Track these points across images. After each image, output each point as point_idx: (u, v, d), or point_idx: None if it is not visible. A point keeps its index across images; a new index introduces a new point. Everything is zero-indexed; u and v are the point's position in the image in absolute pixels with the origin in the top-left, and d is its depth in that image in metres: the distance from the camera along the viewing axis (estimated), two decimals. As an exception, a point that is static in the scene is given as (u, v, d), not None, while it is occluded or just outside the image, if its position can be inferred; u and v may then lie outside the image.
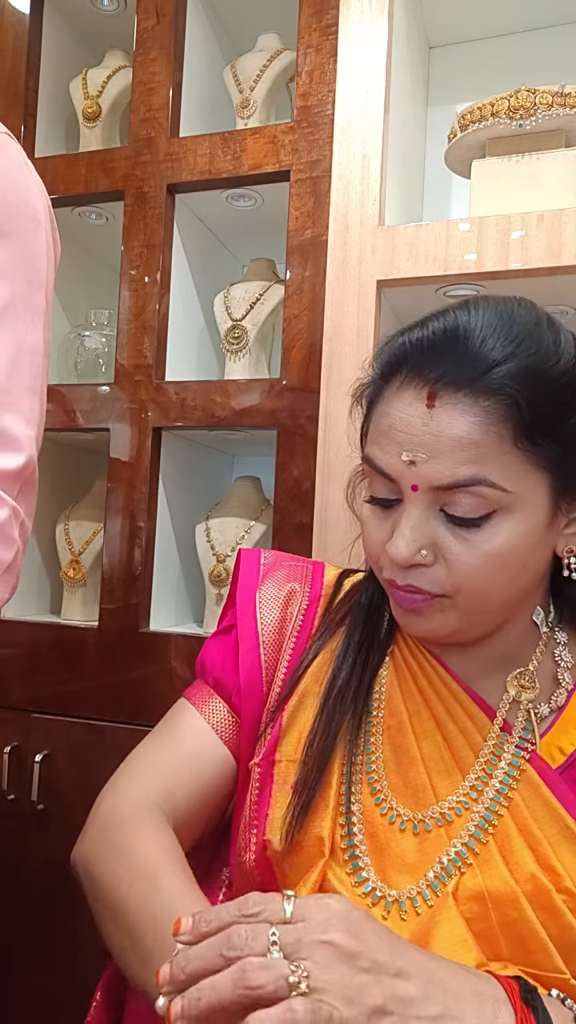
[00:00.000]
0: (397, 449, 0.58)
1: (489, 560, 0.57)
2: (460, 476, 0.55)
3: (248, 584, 0.73)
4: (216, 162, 1.20)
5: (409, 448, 0.57)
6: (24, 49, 1.34)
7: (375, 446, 0.60)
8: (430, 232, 1.00)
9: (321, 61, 1.14)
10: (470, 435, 0.55)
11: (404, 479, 0.58)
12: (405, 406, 0.58)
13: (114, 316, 1.33)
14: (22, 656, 1.25)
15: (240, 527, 1.27)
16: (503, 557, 0.57)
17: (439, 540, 0.58)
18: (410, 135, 1.21)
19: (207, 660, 0.74)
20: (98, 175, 1.28)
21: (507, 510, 0.56)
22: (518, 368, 0.56)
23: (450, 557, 0.57)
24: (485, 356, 0.56)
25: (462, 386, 0.56)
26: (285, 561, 0.76)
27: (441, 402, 0.56)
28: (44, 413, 0.73)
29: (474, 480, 0.55)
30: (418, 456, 0.56)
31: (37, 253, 0.70)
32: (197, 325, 1.37)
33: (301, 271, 1.13)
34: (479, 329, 0.57)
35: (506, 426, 0.55)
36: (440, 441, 0.56)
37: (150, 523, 1.23)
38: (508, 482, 0.55)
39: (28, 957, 1.21)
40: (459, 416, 0.55)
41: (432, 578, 0.58)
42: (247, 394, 1.17)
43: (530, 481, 0.57)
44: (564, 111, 0.98)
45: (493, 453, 0.55)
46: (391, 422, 0.59)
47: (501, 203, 1.00)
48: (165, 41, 1.25)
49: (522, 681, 0.63)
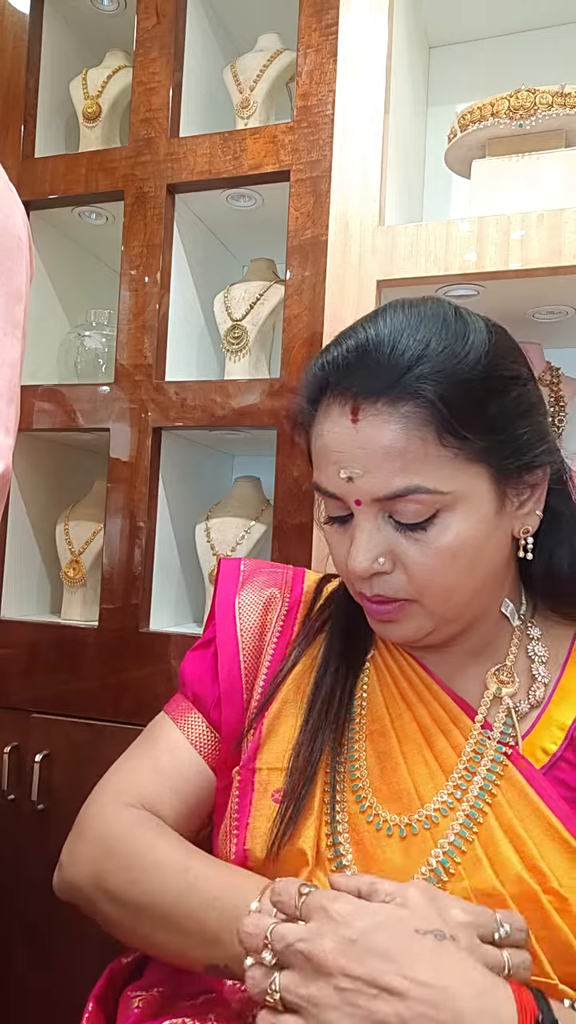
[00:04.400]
0: (335, 468, 0.60)
1: (442, 557, 0.58)
2: (395, 487, 0.57)
3: (227, 591, 0.74)
4: (216, 162, 1.20)
5: (344, 465, 0.59)
6: (24, 49, 1.34)
7: (317, 470, 0.63)
8: (430, 232, 1.00)
9: (321, 61, 1.14)
10: (394, 444, 0.57)
11: (347, 495, 0.60)
12: (333, 424, 0.60)
13: (114, 316, 1.33)
14: (22, 656, 1.25)
15: (240, 527, 1.27)
16: (454, 552, 0.58)
17: (394, 546, 0.59)
18: (410, 135, 1.21)
19: (186, 674, 0.74)
20: (98, 175, 1.28)
21: (450, 508, 0.58)
22: (430, 369, 0.57)
23: (407, 561, 0.59)
24: (396, 363, 0.57)
25: (380, 395, 0.57)
26: (264, 568, 0.77)
27: (364, 414, 0.58)
28: (18, 423, 0.74)
29: (408, 489, 0.57)
30: (354, 472, 0.58)
31: (18, 268, 0.72)
32: (197, 325, 1.37)
33: (301, 271, 1.13)
34: (387, 337, 0.58)
35: (428, 429, 0.57)
36: (369, 454, 0.58)
37: (150, 523, 1.23)
38: (442, 483, 0.57)
39: (28, 957, 1.21)
40: (381, 426, 0.57)
41: (395, 584, 0.60)
42: (247, 394, 1.17)
43: (466, 476, 0.58)
44: (564, 111, 0.98)
45: (420, 458, 0.57)
46: (324, 442, 0.61)
47: (501, 203, 1.00)
48: (165, 41, 1.25)
49: (501, 676, 0.64)
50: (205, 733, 0.70)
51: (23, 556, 1.38)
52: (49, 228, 1.40)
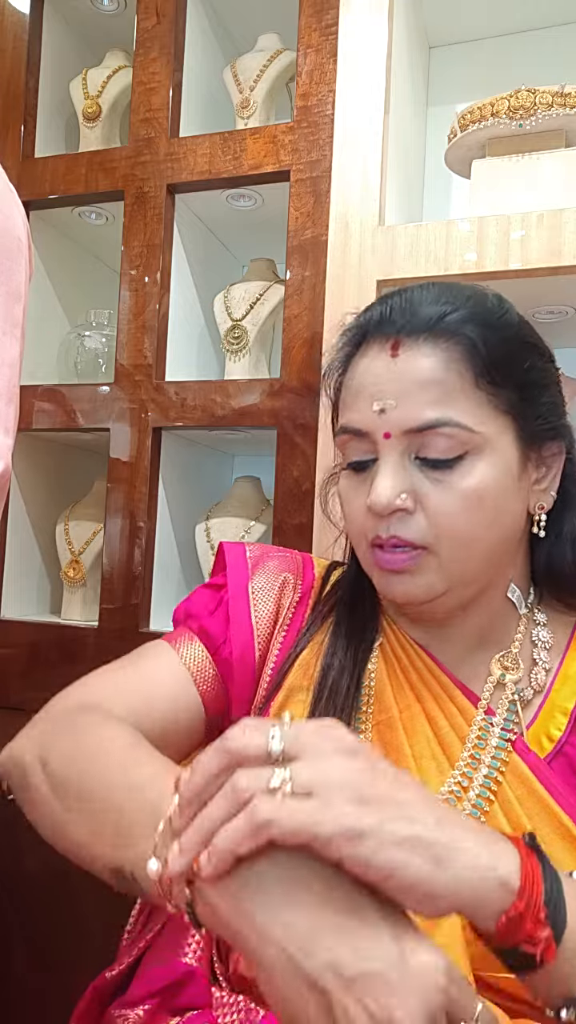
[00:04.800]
0: (367, 402, 0.61)
1: (466, 500, 0.58)
2: (428, 417, 0.58)
3: (239, 576, 0.72)
4: (216, 162, 1.20)
5: (379, 397, 0.60)
6: (24, 49, 1.34)
7: (346, 410, 0.64)
8: (430, 232, 1.00)
9: (321, 61, 1.14)
10: (432, 374, 0.58)
11: (377, 429, 0.60)
12: (371, 361, 0.62)
13: (114, 316, 1.33)
14: (22, 656, 1.25)
15: (240, 527, 1.27)
16: (479, 496, 0.59)
17: (417, 487, 0.59)
18: (410, 135, 1.21)
19: (192, 607, 0.72)
20: (98, 175, 1.28)
21: (478, 451, 0.59)
22: (470, 314, 0.61)
23: (429, 502, 0.59)
24: (439, 309, 0.60)
25: (421, 332, 0.60)
26: (272, 552, 0.75)
27: (404, 349, 0.60)
28: (17, 422, 0.74)
29: (441, 421, 0.58)
30: (387, 403, 0.59)
31: (17, 268, 0.73)
32: (197, 325, 1.37)
33: (301, 271, 1.13)
34: (429, 294, 0.62)
35: (466, 365, 0.59)
36: (406, 385, 0.59)
37: (150, 523, 1.23)
38: (474, 422, 0.58)
39: (28, 957, 1.21)
40: (421, 358, 0.59)
41: (414, 527, 0.59)
42: (247, 394, 1.17)
43: (495, 423, 0.60)
44: (564, 111, 0.98)
45: (456, 392, 0.58)
46: (360, 381, 0.62)
47: (501, 203, 1.00)
48: (165, 41, 1.25)
49: (505, 662, 0.64)
50: (205, 665, 0.68)
51: (23, 556, 1.38)
52: (49, 228, 1.40)
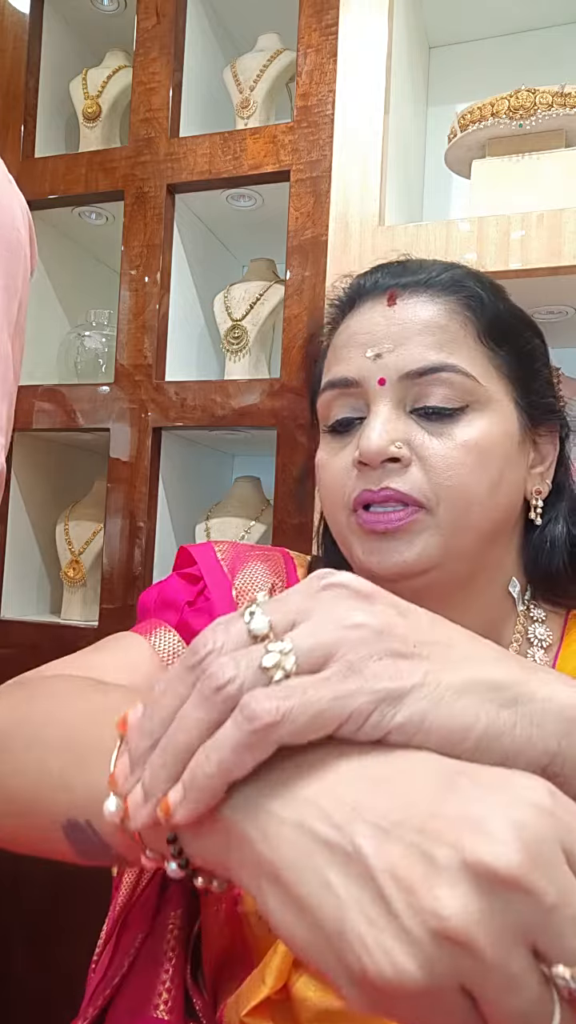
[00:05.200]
0: (360, 350, 0.56)
1: (468, 453, 0.53)
2: (430, 360, 0.54)
3: (219, 582, 0.64)
4: (216, 162, 1.20)
5: (373, 344, 0.55)
6: (24, 49, 1.34)
7: (333, 364, 0.58)
8: (430, 232, 1.00)
9: (321, 61, 1.14)
10: (436, 319, 0.55)
11: (370, 376, 0.55)
12: (365, 312, 0.57)
13: (114, 316, 1.33)
14: (22, 656, 1.25)
15: (240, 527, 1.27)
16: (482, 451, 0.53)
17: (413, 439, 0.54)
18: (410, 135, 1.21)
19: (168, 596, 0.65)
20: (98, 175, 1.28)
21: (480, 406, 0.54)
22: (471, 273, 0.58)
23: (426, 454, 0.53)
24: (437, 268, 0.58)
25: (421, 285, 0.56)
26: (249, 551, 0.68)
27: (402, 299, 0.56)
28: (12, 420, 0.73)
29: (444, 365, 0.53)
30: (383, 347, 0.55)
31: (15, 262, 0.71)
32: (197, 325, 1.37)
33: (301, 271, 1.13)
34: (426, 261, 0.60)
35: (468, 316, 0.55)
36: (406, 328, 0.55)
37: (150, 523, 1.23)
38: (477, 373, 0.54)
39: (28, 957, 1.21)
40: (422, 305, 0.55)
41: (410, 480, 0.53)
42: (247, 394, 1.17)
43: (497, 384, 0.56)
44: (564, 111, 0.98)
45: (459, 340, 0.55)
46: (351, 331, 0.57)
47: (501, 203, 1.00)
48: (165, 41, 1.25)
49: None
50: (177, 645, 0.60)
51: (23, 556, 1.38)
52: (49, 228, 1.40)
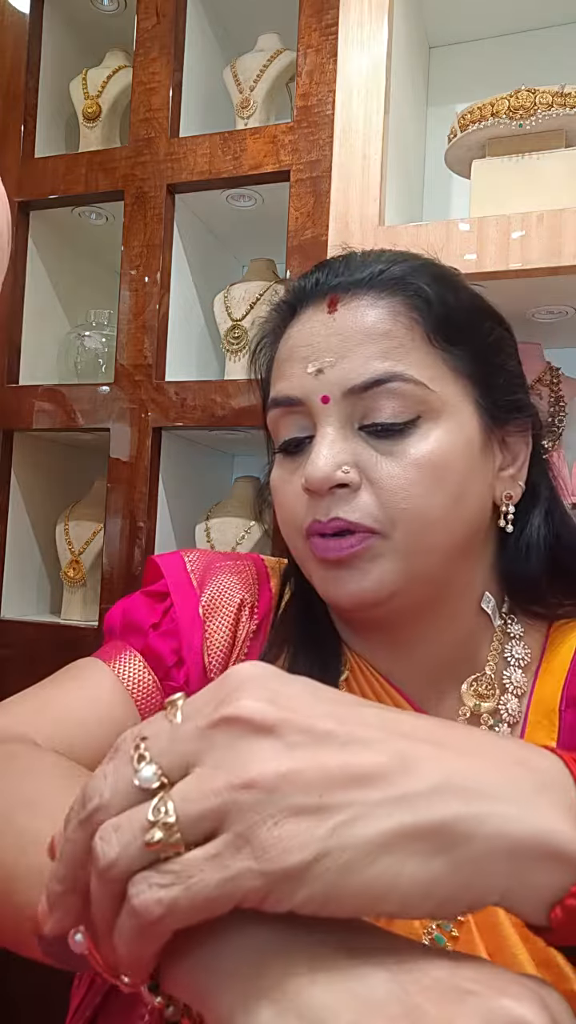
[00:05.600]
0: (301, 366, 0.51)
1: (421, 470, 0.49)
2: (374, 370, 0.49)
3: (186, 596, 0.60)
4: (216, 162, 1.20)
5: (314, 358, 0.51)
6: (24, 49, 1.34)
7: (276, 381, 0.54)
8: (430, 232, 1.00)
9: (321, 61, 1.14)
10: (379, 324, 0.50)
11: (313, 394, 0.51)
12: (305, 322, 0.53)
13: (114, 316, 1.33)
14: (22, 656, 1.25)
15: (240, 527, 1.27)
16: (435, 467, 0.49)
17: (361, 460, 0.50)
18: (410, 135, 1.21)
19: (132, 617, 0.61)
20: (98, 175, 1.28)
21: (434, 416, 0.50)
22: (421, 266, 0.53)
23: (377, 475, 0.49)
24: (382, 265, 0.52)
25: (363, 286, 0.51)
26: (219, 562, 0.63)
27: (344, 305, 0.51)
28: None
29: (390, 375, 0.49)
30: (325, 362, 0.50)
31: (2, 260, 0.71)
32: (197, 325, 1.37)
33: (301, 271, 1.13)
34: (373, 253, 0.54)
35: (416, 316, 0.50)
36: (347, 339, 0.50)
37: (150, 523, 1.23)
38: (428, 379, 0.49)
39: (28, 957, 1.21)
40: (364, 310, 0.50)
41: (360, 506, 0.49)
42: (247, 394, 1.17)
43: (453, 387, 0.51)
44: (564, 111, 0.98)
45: (406, 344, 0.50)
46: (292, 344, 0.53)
47: (501, 203, 1.00)
48: (165, 41, 1.25)
49: (479, 688, 0.54)
50: (148, 685, 0.57)
51: (23, 556, 1.38)
52: (49, 228, 1.40)
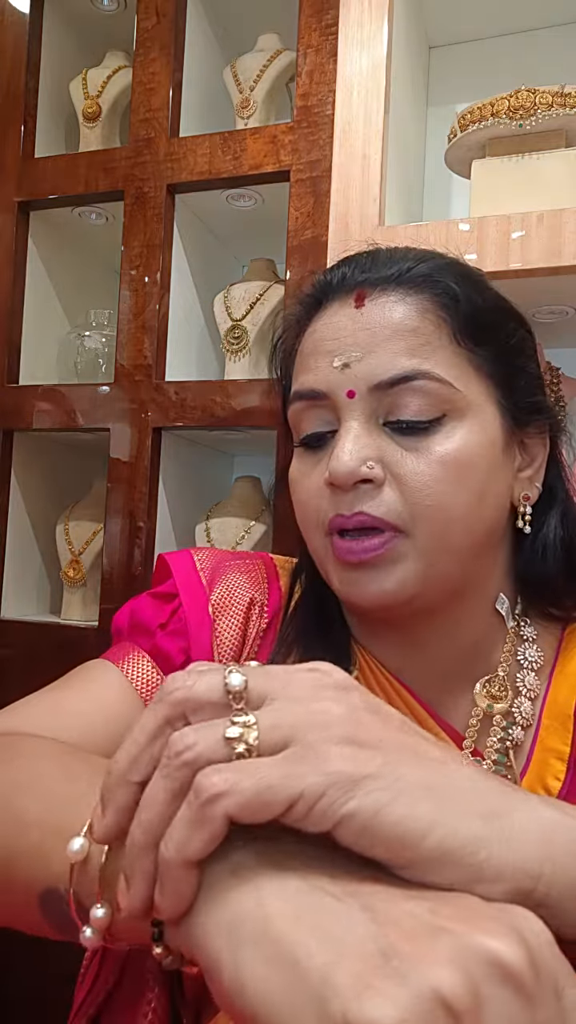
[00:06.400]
0: (327, 359, 0.52)
1: (445, 468, 0.49)
2: (401, 367, 0.50)
3: (195, 594, 0.60)
4: (216, 162, 1.20)
5: (340, 352, 0.51)
6: (24, 49, 1.34)
7: (300, 374, 0.54)
8: (430, 232, 1.00)
9: (321, 61, 1.14)
10: (406, 321, 0.50)
11: (338, 388, 0.51)
12: (331, 315, 0.53)
13: (114, 316, 1.33)
14: (22, 656, 1.25)
15: (240, 527, 1.27)
16: (460, 465, 0.50)
17: (386, 456, 0.50)
18: (410, 135, 1.21)
19: (140, 619, 0.60)
20: (98, 175, 1.28)
21: (459, 414, 0.50)
22: (447, 265, 0.53)
23: (401, 472, 0.50)
24: (409, 262, 0.53)
25: (391, 282, 0.51)
26: (229, 561, 0.63)
27: (371, 300, 0.52)
28: None
29: (417, 372, 0.49)
30: (351, 357, 0.51)
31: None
32: (197, 325, 1.37)
33: (301, 271, 1.13)
34: (399, 251, 0.55)
35: (443, 315, 0.51)
36: (374, 334, 0.50)
37: (150, 523, 1.23)
38: (454, 378, 0.50)
39: (28, 957, 1.21)
40: (392, 306, 0.51)
41: (384, 502, 0.50)
42: (247, 394, 1.17)
43: (477, 387, 0.51)
44: (564, 111, 0.98)
45: (433, 343, 0.50)
46: (318, 337, 0.53)
47: (501, 203, 1.00)
48: (165, 41, 1.25)
49: (492, 690, 0.55)
50: (156, 683, 0.56)
51: (23, 556, 1.38)
52: (49, 228, 1.40)
